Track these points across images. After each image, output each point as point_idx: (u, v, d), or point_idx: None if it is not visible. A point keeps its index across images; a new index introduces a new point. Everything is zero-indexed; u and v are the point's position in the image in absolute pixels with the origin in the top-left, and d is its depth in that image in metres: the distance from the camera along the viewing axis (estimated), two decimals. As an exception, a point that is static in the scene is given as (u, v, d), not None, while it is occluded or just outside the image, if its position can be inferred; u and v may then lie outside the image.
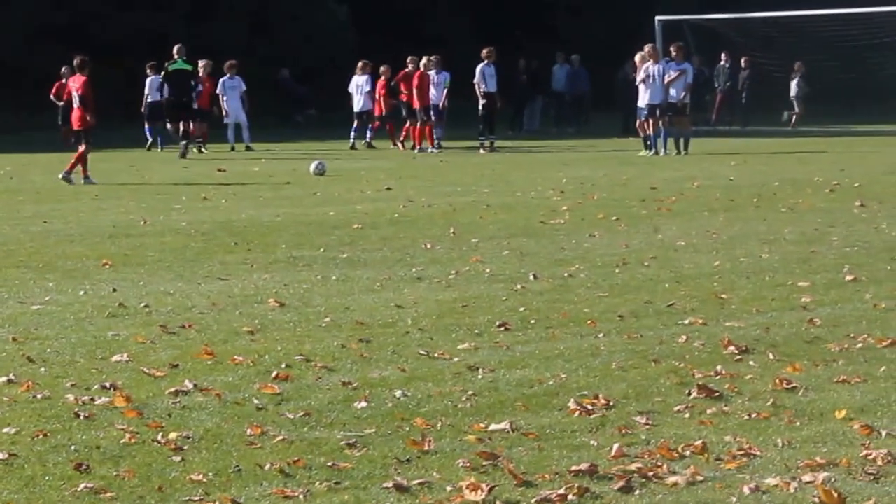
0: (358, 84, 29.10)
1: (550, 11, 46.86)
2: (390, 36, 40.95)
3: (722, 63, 36.62)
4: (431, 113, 27.48)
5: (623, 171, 20.63)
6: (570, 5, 47.09)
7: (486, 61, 27.59)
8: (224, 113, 28.58)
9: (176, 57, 26.98)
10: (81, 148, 19.42)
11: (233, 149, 27.89)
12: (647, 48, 25.68)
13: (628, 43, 29.64)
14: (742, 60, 36.76)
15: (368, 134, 28.77)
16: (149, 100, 29.02)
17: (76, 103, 19.76)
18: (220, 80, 28.59)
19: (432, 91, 27.38)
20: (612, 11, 46.03)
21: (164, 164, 24.21)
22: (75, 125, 19.93)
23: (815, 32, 37.15)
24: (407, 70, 28.19)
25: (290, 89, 38.48)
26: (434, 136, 27.45)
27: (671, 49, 26.26)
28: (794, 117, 35.62)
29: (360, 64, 29.36)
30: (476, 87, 27.63)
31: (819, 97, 37.17)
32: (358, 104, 28.98)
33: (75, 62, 20.00)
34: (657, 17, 34.15)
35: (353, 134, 28.60)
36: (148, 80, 29.19)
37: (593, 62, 37.30)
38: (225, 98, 28.49)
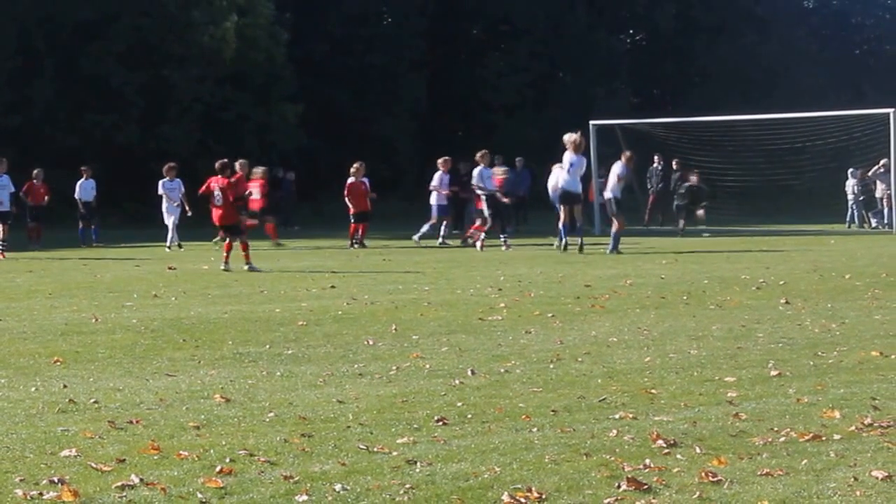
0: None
1: (488, 113, 47.60)
2: (336, 138, 41.34)
3: (654, 165, 37.32)
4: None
5: (559, 270, 20.98)
6: (506, 108, 47.86)
7: (481, 165, 27.93)
8: (167, 213, 28.94)
9: None
10: (242, 241, 21.52)
11: (180, 247, 28.18)
12: (575, 137, 25.26)
13: (562, 144, 30.15)
14: (673, 162, 37.49)
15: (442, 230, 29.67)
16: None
17: (218, 202, 21.78)
18: (160, 182, 28.97)
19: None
20: (546, 114, 46.84)
21: (116, 262, 24.27)
22: (218, 221, 22.40)
23: (742, 136, 38.21)
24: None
25: (290, 195, 38.40)
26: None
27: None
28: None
29: (441, 161, 30.16)
30: (475, 188, 28.11)
31: (745, 198, 38.00)
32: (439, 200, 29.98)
33: (217, 165, 22.27)
34: (591, 122, 34.99)
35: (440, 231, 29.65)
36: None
37: (529, 163, 37.98)
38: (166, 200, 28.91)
